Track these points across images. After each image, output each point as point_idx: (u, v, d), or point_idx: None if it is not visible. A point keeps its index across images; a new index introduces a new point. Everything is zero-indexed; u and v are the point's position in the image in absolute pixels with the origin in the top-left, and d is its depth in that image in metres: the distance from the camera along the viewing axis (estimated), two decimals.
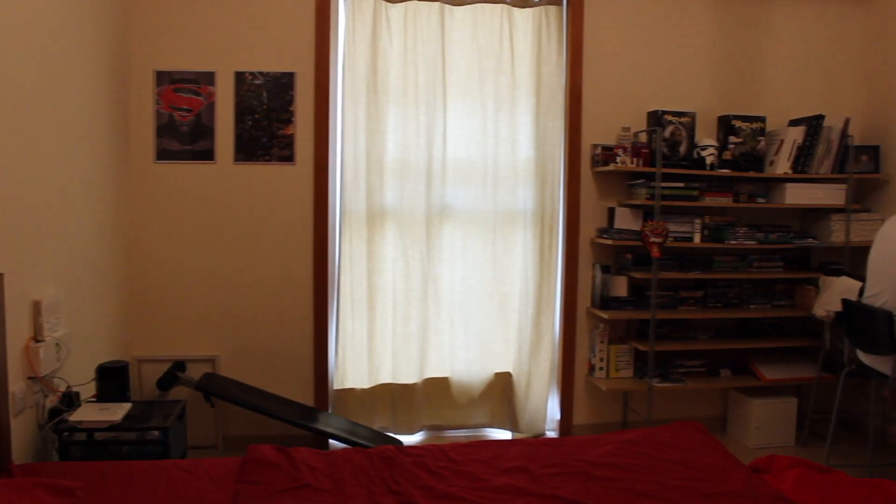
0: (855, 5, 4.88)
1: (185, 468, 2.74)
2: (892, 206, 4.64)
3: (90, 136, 3.51)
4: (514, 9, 4.35)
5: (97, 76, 3.59)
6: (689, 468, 2.83)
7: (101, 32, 3.64)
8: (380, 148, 4.25)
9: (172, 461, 2.80)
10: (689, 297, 4.58)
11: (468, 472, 2.78)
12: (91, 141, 3.52)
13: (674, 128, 4.42)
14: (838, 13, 4.86)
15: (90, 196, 3.52)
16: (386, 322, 4.36)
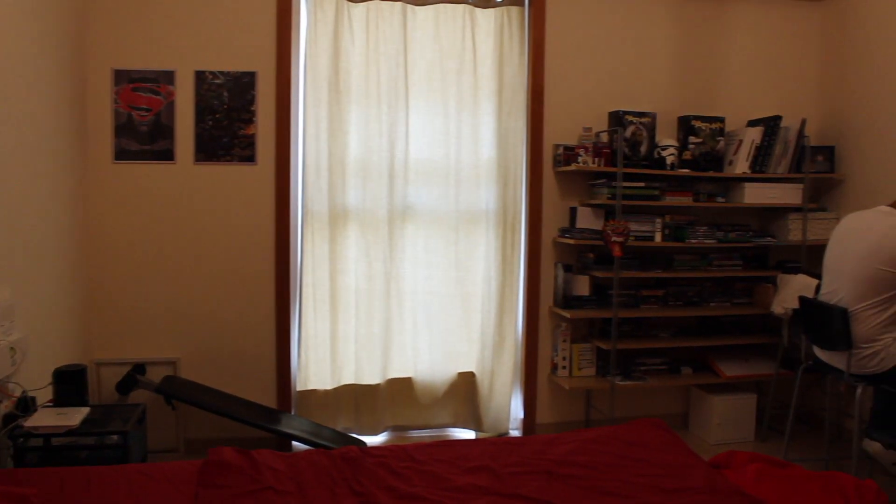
0: (810, 8, 4.96)
1: (145, 472, 2.70)
2: (847, 206, 4.72)
3: (46, 135, 3.45)
4: (476, 9, 4.36)
5: (53, 74, 3.53)
6: (650, 465, 2.85)
7: (57, 30, 3.58)
8: (342, 148, 4.23)
9: (132, 465, 2.76)
10: (650, 296, 4.62)
11: (431, 472, 2.78)
12: (47, 140, 3.46)
13: (635, 128, 4.45)
14: (794, 16, 4.94)
15: (47, 196, 3.46)
16: (349, 323, 4.35)
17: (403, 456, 2.93)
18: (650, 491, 2.62)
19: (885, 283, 3.40)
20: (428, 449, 3.01)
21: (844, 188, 4.80)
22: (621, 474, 2.75)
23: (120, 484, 2.59)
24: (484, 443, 3.09)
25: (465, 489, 2.64)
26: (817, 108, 5.02)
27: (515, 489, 2.63)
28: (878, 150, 4.52)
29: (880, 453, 3.58)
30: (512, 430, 4.67)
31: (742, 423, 4.68)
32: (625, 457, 2.91)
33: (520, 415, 4.69)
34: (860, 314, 3.45)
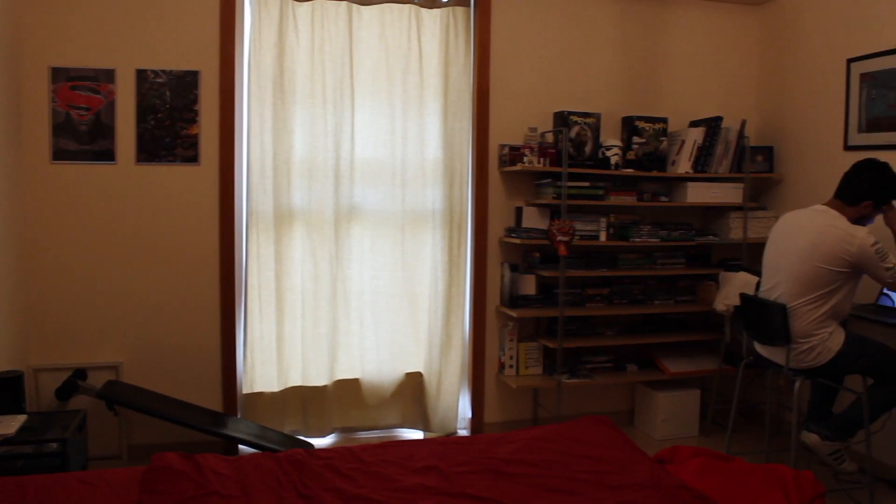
0: (749, 12, 5.07)
1: (85, 481, 2.64)
2: (785, 204, 4.83)
3: None
4: (422, 9, 4.36)
5: None
6: (596, 461, 2.88)
7: None
8: (287, 148, 4.20)
9: (72, 474, 2.70)
10: (595, 295, 4.67)
11: (379, 472, 2.77)
12: None
13: (579, 128, 4.50)
14: (734, 19, 5.04)
15: None
16: (295, 324, 4.32)
17: (350, 457, 2.92)
18: (596, 487, 2.65)
19: (821, 279, 3.48)
20: (375, 450, 3.00)
21: (783, 187, 4.91)
22: (567, 471, 2.78)
23: (58, 493, 2.53)
24: (432, 443, 3.09)
25: (412, 489, 2.64)
26: (757, 110, 5.13)
27: (463, 488, 2.63)
28: (813, 150, 4.63)
29: (817, 445, 3.66)
30: (460, 430, 4.68)
31: (686, 418, 4.76)
32: (571, 454, 2.93)
33: (468, 414, 4.71)
34: (798, 310, 3.53)
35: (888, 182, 3.58)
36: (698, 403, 4.80)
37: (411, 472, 2.79)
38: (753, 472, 2.81)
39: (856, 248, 3.41)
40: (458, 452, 2.95)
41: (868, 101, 4.24)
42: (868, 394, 3.58)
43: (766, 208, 4.94)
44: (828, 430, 3.68)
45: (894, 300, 3.95)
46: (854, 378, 3.83)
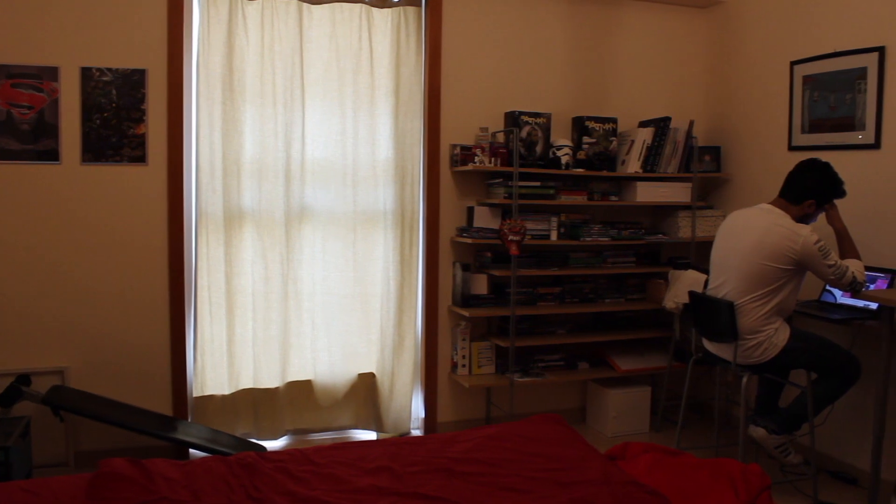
0: (696, 14, 5.14)
1: (29, 489, 2.58)
2: (732, 203, 4.91)
3: None
4: (372, 9, 4.34)
5: None
6: (548, 459, 2.90)
7: None
8: (237, 148, 4.15)
9: (15, 483, 2.63)
10: (547, 294, 4.70)
11: (331, 474, 2.76)
12: None
13: (530, 128, 4.52)
14: (682, 21, 5.11)
15: None
16: (246, 326, 4.27)
17: (302, 459, 2.90)
18: (547, 485, 2.67)
19: (767, 277, 3.55)
20: (327, 451, 2.99)
21: (729, 187, 4.99)
22: (519, 469, 2.79)
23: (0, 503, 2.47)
24: (384, 443, 3.09)
25: (365, 490, 2.63)
26: (704, 110, 5.21)
27: (416, 488, 2.63)
28: (759, 150, 4.72)
29: (764, 438, 3.73)
30: (413, 430, 4.68)
31: (637, 414, 4.81)
32: (523, 452, 2.95)
33: (421, 414, 4.71)
34: (745, 307, 3.59)
35: (830, 182, 3.66)
36: (649, 400, 4.86)
37: (364, 473, 2.78)
38: (702, 466, 2.86)
39: (800, 245, 3.48)
40: (410, 452, 2.95)
41: (810, 102, 4.34)
42: (812, 388, 3.66)
43: (714, 207, 5.02)
44: (774, 424, 3.76)
45: (837, 296, 4.04)
46: (799, 373, 3.91)
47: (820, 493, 3.82)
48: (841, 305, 3.98)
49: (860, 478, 4.01)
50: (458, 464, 2.84)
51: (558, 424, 3.28)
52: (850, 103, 4.09)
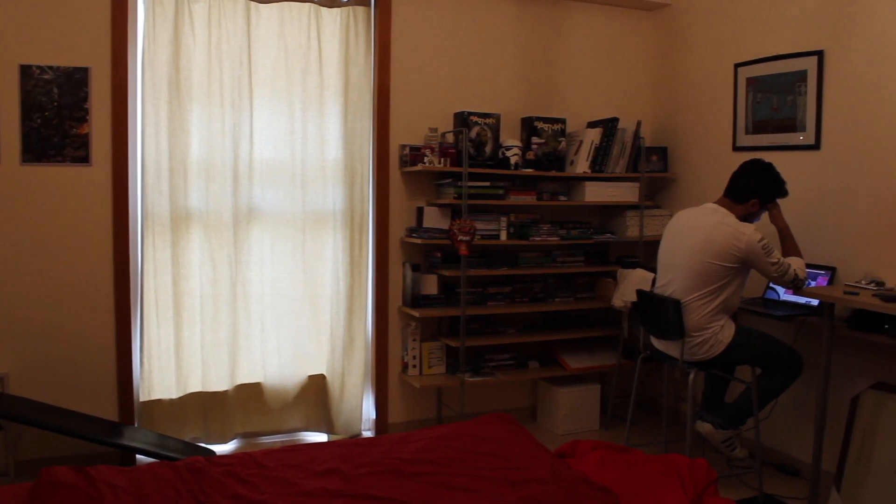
0: (643, 17, 5.21)
1: None
2: (678, 202, 4.99)
3: None
4: (321, 8, 4.32)
5: None
6: (498, 458, 2.91)
7: None
8: (183, 148, 4.10)
9: None
10: (497, 293, 4.72)
11: (280, 477, 2.73)
12: None
13: (479, 128, 4.54)
14: (629, 23, 5.17)
15: None
16: (194, 328, 4.21)
17: (251, 463, 2.87)
18: (498, 484, 2.68)
19: (713, 275, 3.61)
20: (277, 454, 2.96)
21: (676, 186, 5.07)
22: (470, 469, 2.80)
23: None
24: (334, 445, 3.07)
25: (314, 493, 2.61)
26: (651, 111, 5.28)
27: (366, 490, 2.62)
28: (705, 150, 4.80)
29: (711, 433, 3.80)
30: (364, 431, 4.66)
31: (587, 412, 4.86)
32: (473, 452, 2.96)
33: (372, 415, 4.69)
34: (691, 304, 3.65)
35: (773, 182, 3.74)
36: (598, 398, 4.91)
37: (314, 475, 2.76)
38: (651, 462, 2.90)
39: (744, 244, 3.55)
40: (361, 454, 2.94)
41: (754, 104, 4.42)
42: (756, 383, 3.73)
43: (661, 206, 5.09)
44: (720, 419, 3.82)
45: (780, 294, 4.13)
46: (744, 369, 3.98)
47: (765, 485, 3.90)
48: (784, 302, 4.07)
49: (802, 469, 4.10)
50: (408, 464, 2.83)
51: (508, 423, 3.29)
52: (792, 105, 4.18)
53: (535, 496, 2.54)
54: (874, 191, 3.78)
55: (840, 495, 3.72)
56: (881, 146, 3.74)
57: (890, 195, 3.71)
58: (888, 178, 3.71)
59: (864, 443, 3.71)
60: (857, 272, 3.81)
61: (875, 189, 3.78)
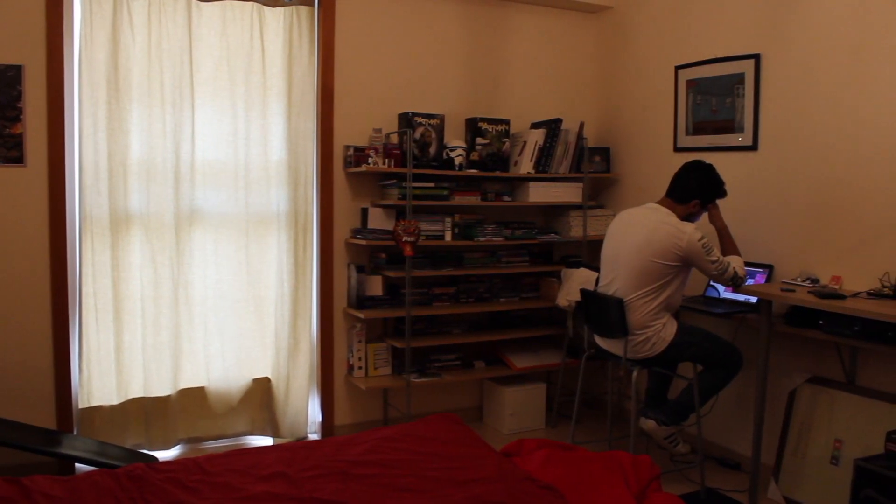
0: (586, 19, 5.27)
1: None
2: (621, 202, 5.05)
3: None
4: (264, 7, 4.27)
5: None
6: (444, 459, 2.91)
7: None
8: (123, 149, 4.02)
9: None
10: (442, 294, 4.72)
11: (224, 483, 2.70)
12: None
13: (424, 129, 4.54)
14: (572, 25, 5.22)
15: None
16: (135, 332, 4.13)
17: (194, 469, 2.82)
18: (444, 484, 2.68)
19: (654, 273, 3.67)
20: (220, 459, 2.92)
21: (619, 186, 5.14)
22: (415, 470, 2.79)
23: None
24: (279, 448, 3.04)
25: (259, 497, 2.58)
26: (594, 112, 5.34)
27: (311, 493, 2.60)
28: (646, 151, 4.87)
29: (654, 430, 3.85)
30: (310, 434, 4.62)
31: (533, 411, 4.89)
32: (419, 452, 2.96)
33: (318, 418, 4.66)
34: (634, 303, 3.70)
35: (713, 182, 3.82)
36: (544, 396, 4.95)
37: (258, 480, 2.73)
38: (595, 459, 2.93)
39: (685, 243, 3.61)
40: (306, 457, 2.92)
41: (694, 105, 4.50)
42: (698, 380, 3.80)
43: (604, 206, 5.15)
44: (663, 415, 3.88)
45: (720, 292, 4.21)
46: (686, 365, 4.05)
47: (706, 479, 3.97)
48: (724, 300, 4.15)
49: (743, 462, 4.19)
50: (354, 466, 2.82)
51: (454, 423, 3.30)
52: (731, 107, 4.27)
53: (481, 495, 2.55)
54: (808, 190, 3.88)
55: (778, 486, 3.82)
56: (815, 147, 3.84)
57: (824, 195, 3.81)
58: (822, 179, 3.81)
59: (801, 435, 3.81)
60: (794, 270, 3.91)
61: (809, 189, 3.88)
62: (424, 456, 2.93)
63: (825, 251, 3.81)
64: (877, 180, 3.57)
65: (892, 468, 2.97)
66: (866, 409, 3.58)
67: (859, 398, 3.62)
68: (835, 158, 3.75)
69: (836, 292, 3.45)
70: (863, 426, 3.56)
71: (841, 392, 3.71)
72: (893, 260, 3.49)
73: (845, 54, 3.68)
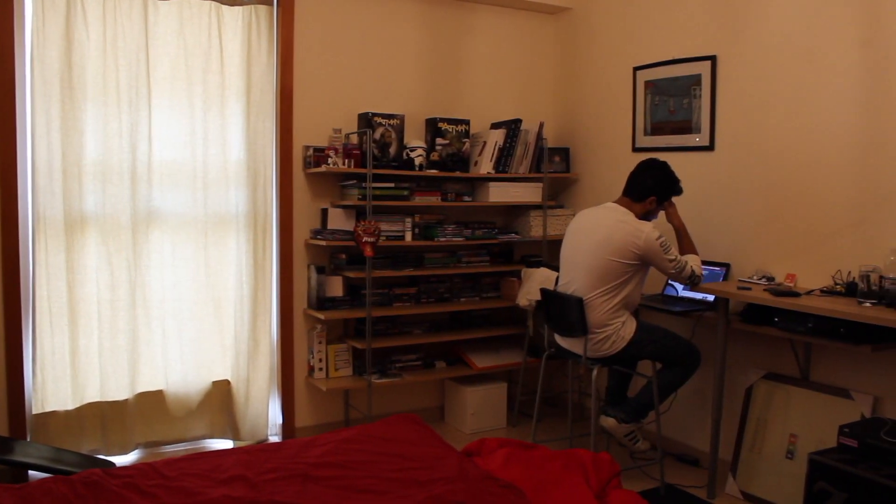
0: (545, 20, 5.30)
1: None
2: (581, 202, 5.09)
3: None
4: (223, 6, 4.23)
5: None
6: (405, 459, 2.91)
7: None
8: (77, 149, 3.95)
9: None
10: (403, 294, 4.72)
11: (182, 487, 2.66)
12: None
13: (384, 129, 4.53)
14: (532, 25, 5.25)
15: None
16: (91, 336, 4.07)
17: (152, 473, 2.78)
18: (405, 485, 2.68)
19: (613, 272, 3.70)
20: (179, 463, 2.89)
21: (578, 186, 5.17)
22: (376, 471, 2.79)
23: None
24: (238, 452, 3.02)
25: (218, 501, 2.56)
26: (554, 113, 5.37)
27: (271, 496, 2.59)
28: (605, 151, 4.91)
29: (614, 428, 3.89)
30: (271, 437, 4.59)
31: (494, 411, 4.91)
32: (380, 453, 2.95)
33: (278, 420, 4.62)
34: (593, 302, 3.72)
35: (668, 179, 3.87)
36: (505, 396, 4.96)
37: (217, 483, 2.70)
38: (556, 457, 2.95)
39: (642, 241, 3.64)
40: (265, 460, 2.90)
41: (652, 106, 4.55)
42: (657, 377, 3.84)
43: (564, 206, 5.18)
44: (623, 413, 3.92)
45: (678, 290, 4.26)
46: (645, 364, 4.08)
47: (666, 475, 4.01)
48: (682, 298, 4.20)
49: (701, 458, 4.24)
50: (314, 468, 2.81)
51: (415, 424, 3.30)
52: (688, 108, 4.32)
53: (441, 495, 2.55)
54: (764, 190, 3.95)
55: (736, 481, 3.87)
56: (770, 147, 3.90)
57: (779, 194, 3.87)
58: (777, 178, 3.88)
59: (758, 430, 3.87)
60: (750, 268, 3.97)
61: (765, 188, 3.94)
62: (385, 457, 2.93)
63: (780, 250, 3.88)
64: (830, 180, 3.64)
65: (843, 461, 3.03)
66: (820, 404, 3.65)
67: (813, 393, 3.69)
68: (789, 158, 3.82)
69: (791, 290, 3.51)
70: (816, 420, 3.63)
71: (796, 387, 3.77)
72: (846, 258, 3.57)
73: (799, 56, 3.75)
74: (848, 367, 3.60)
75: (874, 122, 3.46)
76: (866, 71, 3.48)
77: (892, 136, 3.40)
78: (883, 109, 3.42)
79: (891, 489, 2.83)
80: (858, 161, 3.53)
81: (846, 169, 3.57)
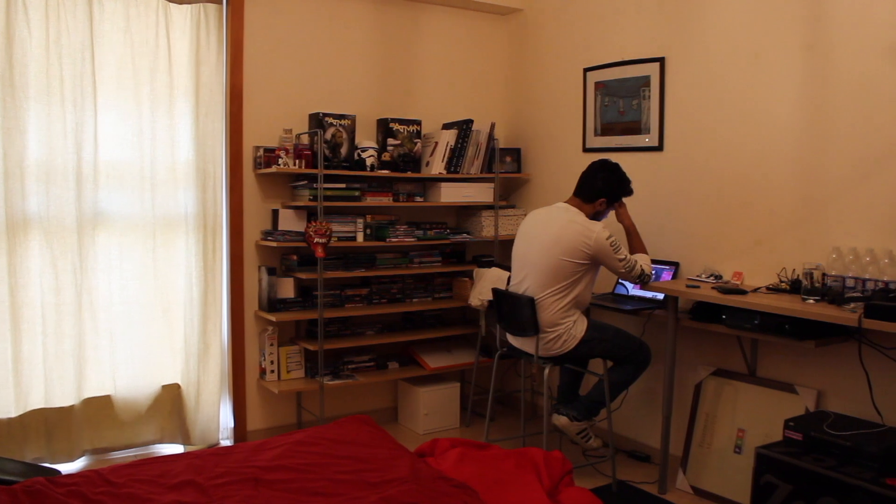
0: (496, 20, 5.32)
1: None
2: (532, 202, 5.12)
3: None
4: (171, 4, 4.17)
5: None
6: (357, 461, 2.89)
7: None
8: (20, 149, 3.85)
9: None
10: (355, 295, 4.70)
11: (130, 494, 2.61)
12: None
13: (335, 130, 4.51)
14: (483, 26, 5.27)
15: None
16: (35, 341, 3.97)
17: (99, 480, 2.72)
18: (356, 486, 2.66)
19: (564, 271, 3.73)
20: (127, 470, 2.83)
21: (529, 186, 5.20)
22: (328, 473, 2.77)
23: None
24: (188, 456, 2.97)
25: None
26: (505, 113, 5.39)
27: (222, 500, 2.55)
28: (556, 152, 4.95)
29: (567, 426, 3.92)
30: (222, 440, 4.53)
31: (448, 411, 4.91)
32: (331, 455, 2.93)
33: (230, 424, 4.57)
34: (544, 301, 3.75)
35: (619, 181, 3.91)
36: (458, 396, 4.97)
37: (166, 489, 2.65)
38: (508, 456, 2.96)
39: (593, 241, 3.68)
40: (216, 464, 2.85)
41: (602, 107, 4.59)
42: (608, 375, 3.88)
43: (515, 206, 5.21)
44: (575, 411, 3.95)
45: (628, 289, 4.31)
46: (596, 362, 4.12)
47: (618, 472, 4.05)
48: (632, 297, 4.25)
49: (652, 454, 4.30)
50: (265, 472, 2.77)
51: (367, 425, 3.29)
52: (637, 108, 4.37)
53: (394, 496, 2.54)
54: (712, 190, 4.01)
55: (686, 476, 3.93)
56: (717, 148, 3.97)
57: (726, 194, 3.94)
58: (723, 178, 3.95)
59: (707, 426, 3.93)
60: (698, 266, 4.03)
61: (712, 188, 4.01)
62: (337, 459, 2.90)
63: (728, 248, 3.95)
64: (774, 179, 3.71)
65: (788, 454, 3.10)
66: (766, 399, 3.72)
67: (760, 388, 3.77)
68: (735, 159, 3.89)
69: (738, 287, 3.58)
70: (763, 415, 3.70)
71: (743, 383, 3.84)
72: (790, 255, 3.65)
73: (745, 59, 3.82)
74: (793, 362, 3.68)
75: (816, 125, 3.54)
76: (809, 74, 3.56)
77: (833, 137, 3.48)
78: (824, 112, 3.50)
79: (833, 480, 2.90)
80: (801, 161, 3.61)
81: (790, 169, 3.65)
